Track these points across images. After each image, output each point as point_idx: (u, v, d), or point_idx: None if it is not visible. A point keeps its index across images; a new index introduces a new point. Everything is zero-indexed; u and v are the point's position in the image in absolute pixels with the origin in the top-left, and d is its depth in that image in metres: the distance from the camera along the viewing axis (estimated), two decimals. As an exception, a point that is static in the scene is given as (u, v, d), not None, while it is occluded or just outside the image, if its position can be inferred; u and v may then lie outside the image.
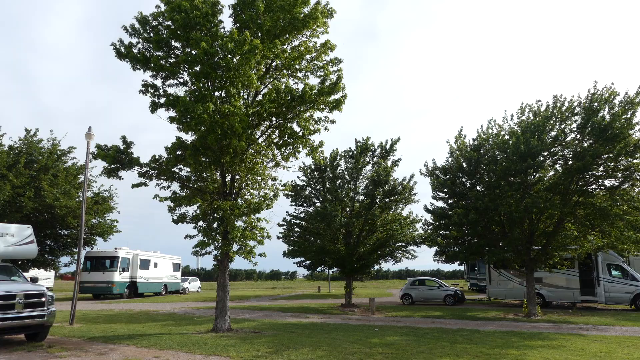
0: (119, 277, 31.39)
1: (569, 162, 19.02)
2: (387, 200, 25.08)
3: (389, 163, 25.22)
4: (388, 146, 25.72)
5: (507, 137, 20.58)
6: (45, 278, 35.95)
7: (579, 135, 18.84)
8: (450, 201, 22.69)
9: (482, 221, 20.47)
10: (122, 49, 13.45)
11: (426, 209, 23.27)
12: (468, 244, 22.35)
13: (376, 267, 29.72)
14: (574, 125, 18.94)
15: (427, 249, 26.56)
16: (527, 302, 19.93)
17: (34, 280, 13.37)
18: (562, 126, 19.18)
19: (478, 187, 21.57)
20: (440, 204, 23.29)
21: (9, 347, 11.05)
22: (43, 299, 11.44)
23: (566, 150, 19.31)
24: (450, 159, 22.43)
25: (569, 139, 19.18)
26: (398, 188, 24.72)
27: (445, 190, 22.26)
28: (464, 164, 21.49)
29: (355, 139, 26.05)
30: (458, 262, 27.54)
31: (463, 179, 21.96)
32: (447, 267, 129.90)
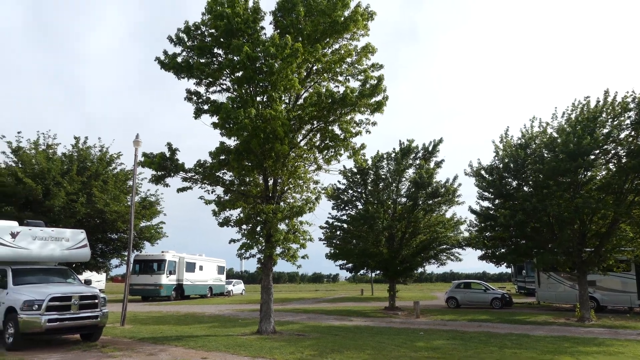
0: (166, 279, 32.23)
1: (623, 160, 18.16)
2: (430, 202, 24.71)
3: (432, 165, 24.83)
4: (430, 147, 25.36)
5: (555, 134, 19.88)
6: (97, 280, 37.41)
7: (633, 132, 17.96)
8: (496, 202, 22.10)
9: (530, 222, 19.80)
10: (166, 60, 13.86)
11: (471, 210, 22.79)
12: (515, 245, 21.69)
13: (420, 269, 29.35)
14: (628, 121, 18.07)
15: (472, 251, 26.01)
16: (580, 306, 19.12)
17: (87, 282, 13.89)
18: (615, 122, 18.33)
19: (525, 188, 20.90)
20: (485, 204, 22.74)
21: (65, 346, 11.55)
22: (96, 301, 11.89)
23: (619, 147, 18.43)
24: (496, 159, 21.84)
25: (622, 135, 18.31)
26: (441, 190, 24.32)
27: (491, 190, 21.70)
28: (510, 164, 20.88)
29: (400, 141, 25.86)
30: (505, 264, 26.80)
31: (509, 179, 21.34)
32: (493, 270, 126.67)
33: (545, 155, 19.53)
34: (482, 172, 22.24)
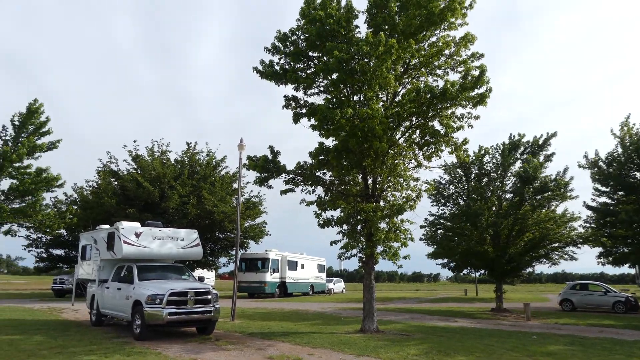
0: (270, 277, 33.44)
1: None
2: (539, 197, 23.10)
3: (541, 158, 23.25)
4: (541, 141, 23.78)
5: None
6: (208, 278, 39.80)
7: None
8: (616, 196, 20.16)
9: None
10: (264, 70, 14.39)
11: (587, 206, 21.02)
12: (640, 244, 19.65)
13: (528, 269, 27.62)
14: None
15: (587, 249, 23.94)
16: None
17: (200, 279, 14.84)
18: None
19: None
20: (603, 200, 20.84)
21: (183, 338, 12.43)
22: (209, 297, 12.66)
23: None
24: (617, 149, 19.90)
25: None
26: (550, 184, 22.61)
27: (611, 183, 19.82)
28: (633, 154, 18.92)
29: (511, 134, 24.63)
30: (628, 264, 24.36)
31: (633, 171, 19.32)
32: (612, 270, 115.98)
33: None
34: (600, 163, 20.39)
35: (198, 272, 33.19)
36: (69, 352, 9.88)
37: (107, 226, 16.71)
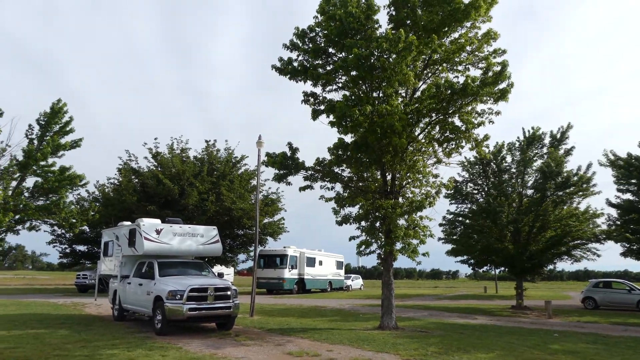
0: (289, 273, 33.57)
1: None
2: (561, 193, 22.70)
3: (561, 152, 22.87)
4: (559, 134, 23.40)
5: None
6: (227, 274, 40.15)
7: None
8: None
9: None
10: (282, 67, 14.39)
11: (609, 203, 20.56)
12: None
13: (550, 267, 27.22)
14: None
15: (611, 247, 23.42)
16: None
17: (220, 275, 14.98)
18: None
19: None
20: (627, 197, 20.39)
21: (203, 333, 12.59)
22: (229, 292, 12.77)
23: None
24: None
25: None
26: (573, 179, 22.20)
27: (634, 180, 19.41)
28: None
29: (523, 129, 24.26)
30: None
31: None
32: (636, 268, 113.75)
33: None
34: (623, 160, 19.96)
35: (217, 269, 33.51)
36: (92, 346, 10.08)
37: (129, 223, 16.97)
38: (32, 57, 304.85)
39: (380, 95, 13.21)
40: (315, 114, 14.44)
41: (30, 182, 20.98)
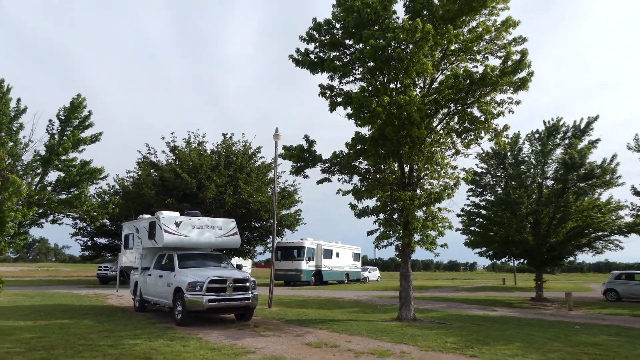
0: (306, 265, 33.74)
1: None
2: (583, 184, 22.31)
3: (585, 143, 22.46)
4: (583, 125, 22.99)
5: None
6: (245, 266, 40.44)
7: None
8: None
9: None
10: (300, 58, 14.37)
11: (635, 191, 20.15)
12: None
13: (570, 258, 26.88)
14: None
15: (633, 238, 22.97)
16: None
17: (239, 267, 15.12)
18: None
19: None
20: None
21: (223, 324, 12.74)
22: (248, 284, 12.89)
23: None
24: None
25: None
26: (596, 171, 21.75)
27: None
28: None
29: (544, 121, 23.89)
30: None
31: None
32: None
33: None
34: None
35: (235, 261, 33.82)
36: (115, 335, 10.29)
37: (149, 216, 17.19)
38: (49, 54, 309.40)
39: (398, 86, 13.10)
40: (333, 106, 14.41)
41: (52, 176, 21.41)
